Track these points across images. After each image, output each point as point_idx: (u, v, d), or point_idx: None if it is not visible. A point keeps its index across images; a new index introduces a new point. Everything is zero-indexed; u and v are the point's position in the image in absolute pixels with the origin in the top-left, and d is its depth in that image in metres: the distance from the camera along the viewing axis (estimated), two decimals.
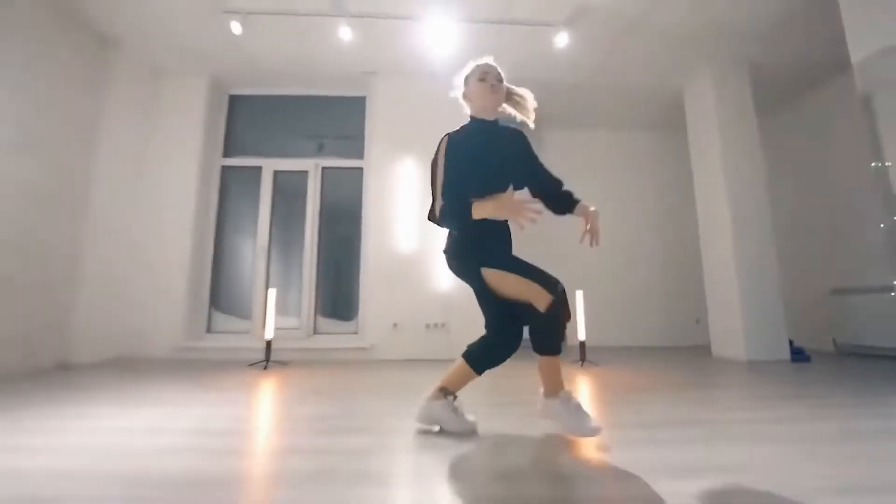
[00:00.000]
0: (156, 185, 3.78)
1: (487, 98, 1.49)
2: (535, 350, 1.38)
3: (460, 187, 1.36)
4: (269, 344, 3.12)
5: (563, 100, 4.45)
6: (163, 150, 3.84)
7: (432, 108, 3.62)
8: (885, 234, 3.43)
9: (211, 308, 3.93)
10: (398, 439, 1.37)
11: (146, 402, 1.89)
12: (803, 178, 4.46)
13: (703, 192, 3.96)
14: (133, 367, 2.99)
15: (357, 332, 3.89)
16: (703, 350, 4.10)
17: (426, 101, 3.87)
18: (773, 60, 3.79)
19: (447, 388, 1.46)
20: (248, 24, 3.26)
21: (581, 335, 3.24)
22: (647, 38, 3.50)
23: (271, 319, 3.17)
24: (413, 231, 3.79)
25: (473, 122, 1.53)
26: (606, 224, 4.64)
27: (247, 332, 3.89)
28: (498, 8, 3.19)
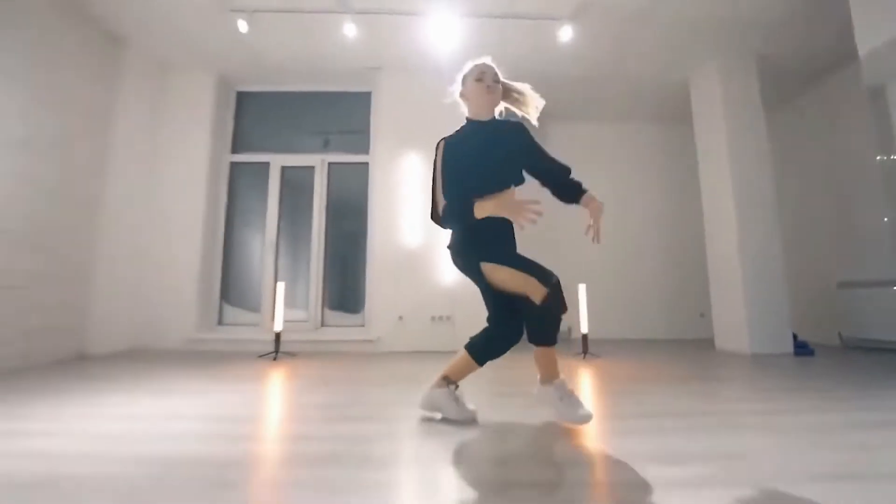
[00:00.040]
0: (166, 182, 3.86)
1: (483, 98, 1.51)
2: (530, 341, 1.43)
3: (460, 188, 1.40)
4: (279, 336, 3.20)
5: (567, 93, 4.44)
6: (172, 147, 3.91)
7: (437, 103, 3.57)
8: (890, 227, 3.42)
9: (221, 301, 4.03)
10: (402, 426, 1.43)
11: (161, 391, 1.98)
12: (810, 170, 4.42)
13: (708, 185, 3.95)
14: (147, 358, 3.09)
15: (364, 325, 3.96)
16: (707, 343, 4.12)
17: (431, 96, 3.84)
18: (780, 52, 3.75)
19: (450, 378, 1.52)
20: (254, 22, 3.31)
21: (584, 328, 3.28)
22: (653, 30, 3.48)
23: (280, 312, 3.25)
24: (418, 225, 3.84)
25: (469, 124, 1.55)
26: (611, 216, 4.72)
27: (256, 325, 3.98)
28: (501, 2, 3.20)
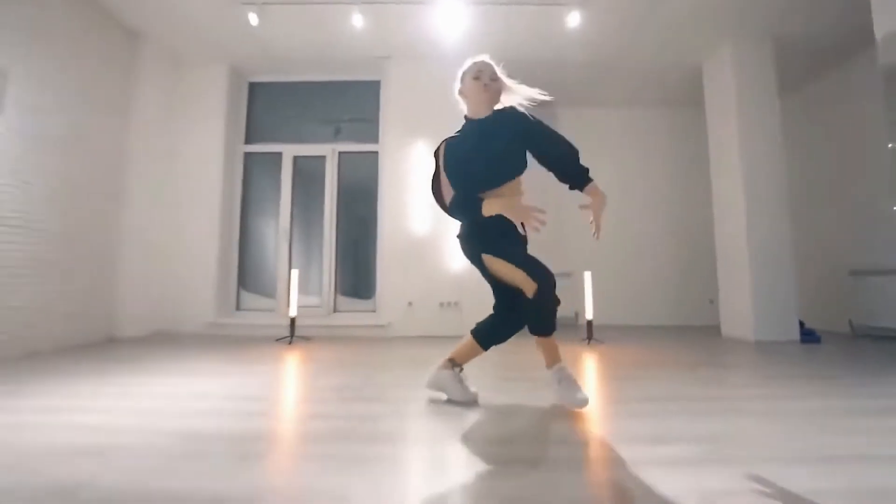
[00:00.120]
0: (183, 174, 3.99)
1: (481, 96, 1.54)
2: (529, 331, 1.51)
3: (465, 185, 1.47)
4: (293, 321, 3.34)
5: (575, 78, 4.40)
6: (188, 139, 4.02)
7: (445, 91, 3.63)
8: None
9: (239, 287, 4.19)
10: (410, 407, 1.53)
11: (188, 371, 2.12)
12: (821, 157, 4.33)
13: (718, 170, 3.92)
14: (171, 341, 3.27)
15: (374, 311, 4.09)
16: (713, 330, 4.15)
17: (438, 84, 3.85)
18: (795, 33, 3.64)
19: (455, 360, 1.62)
20: (264, 15, 3.35)
21: (589, 314, 3.34)
22: (665, 13, 3.42)
23: (294, 298, 3.38)
24: (427, 214, 3.91)
25: (468, 123, 1.59)
26: (617, 202, 4.70)
27: (272, 310, 4.14)
28: None
